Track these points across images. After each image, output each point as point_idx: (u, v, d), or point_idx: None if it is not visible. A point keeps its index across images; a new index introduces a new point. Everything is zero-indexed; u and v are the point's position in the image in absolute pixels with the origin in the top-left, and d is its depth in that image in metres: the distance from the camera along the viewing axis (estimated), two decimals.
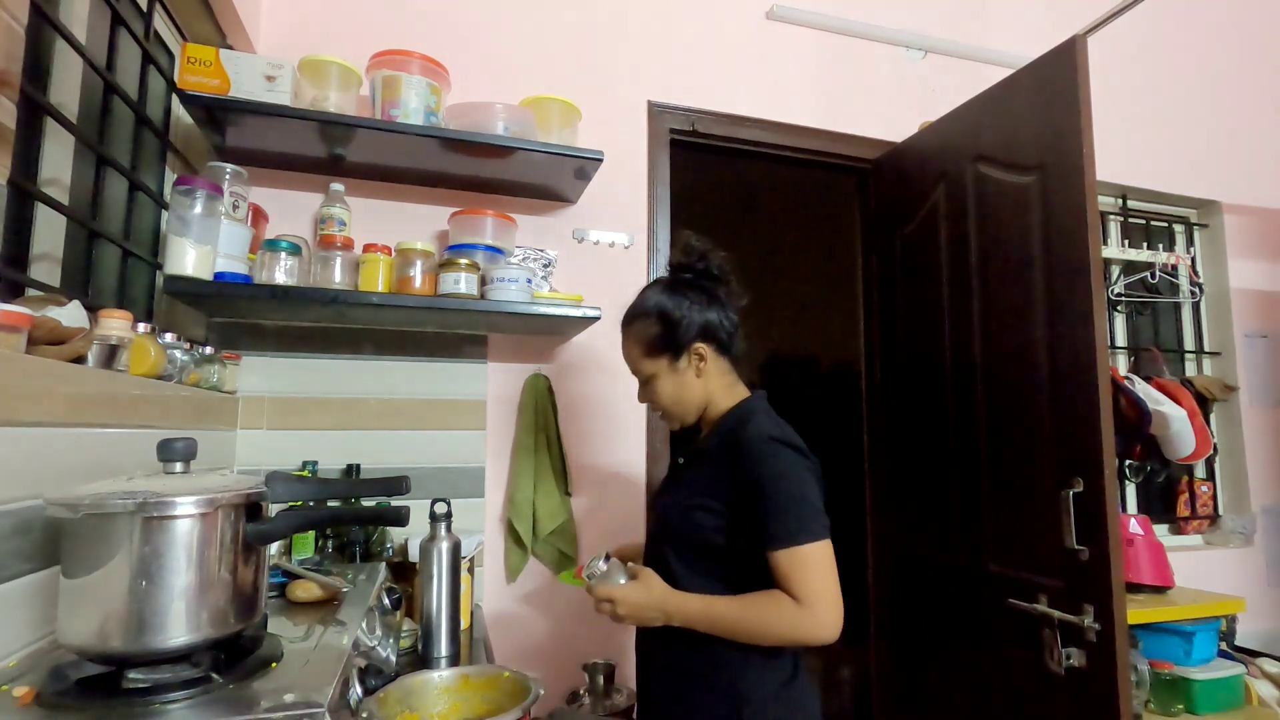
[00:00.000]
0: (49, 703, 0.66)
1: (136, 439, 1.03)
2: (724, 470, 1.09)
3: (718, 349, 1.20)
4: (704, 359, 1.18)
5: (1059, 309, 1.56)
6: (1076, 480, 1.48)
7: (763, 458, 1.06)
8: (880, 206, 2.24)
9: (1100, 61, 1.62)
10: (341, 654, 0.83)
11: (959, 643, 1.83)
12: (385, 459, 1.70)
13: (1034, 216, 1.63)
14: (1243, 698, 2.03)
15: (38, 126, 1.07)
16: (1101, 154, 1.53)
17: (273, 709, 0.65)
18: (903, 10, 2.35)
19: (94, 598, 0.70)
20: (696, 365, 1.18)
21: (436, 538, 1.32)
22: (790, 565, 1.01)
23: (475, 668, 1.04)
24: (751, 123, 2.14)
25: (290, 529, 0.89)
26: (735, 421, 1.15)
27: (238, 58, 1.41)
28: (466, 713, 0.97)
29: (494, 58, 1.89)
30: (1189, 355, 2.76)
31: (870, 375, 2.28)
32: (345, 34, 1.75)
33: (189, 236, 1.31)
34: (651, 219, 2.00)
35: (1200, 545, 2.62)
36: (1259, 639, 2.36)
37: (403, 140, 1.55)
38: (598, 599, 1.09)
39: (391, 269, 1.57)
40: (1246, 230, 2.80)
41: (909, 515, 2.05)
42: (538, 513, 1.74)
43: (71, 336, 0.90)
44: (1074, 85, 1.52)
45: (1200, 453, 2.41)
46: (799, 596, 1.00)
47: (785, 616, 1.00)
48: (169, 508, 0.71)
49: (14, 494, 0.76)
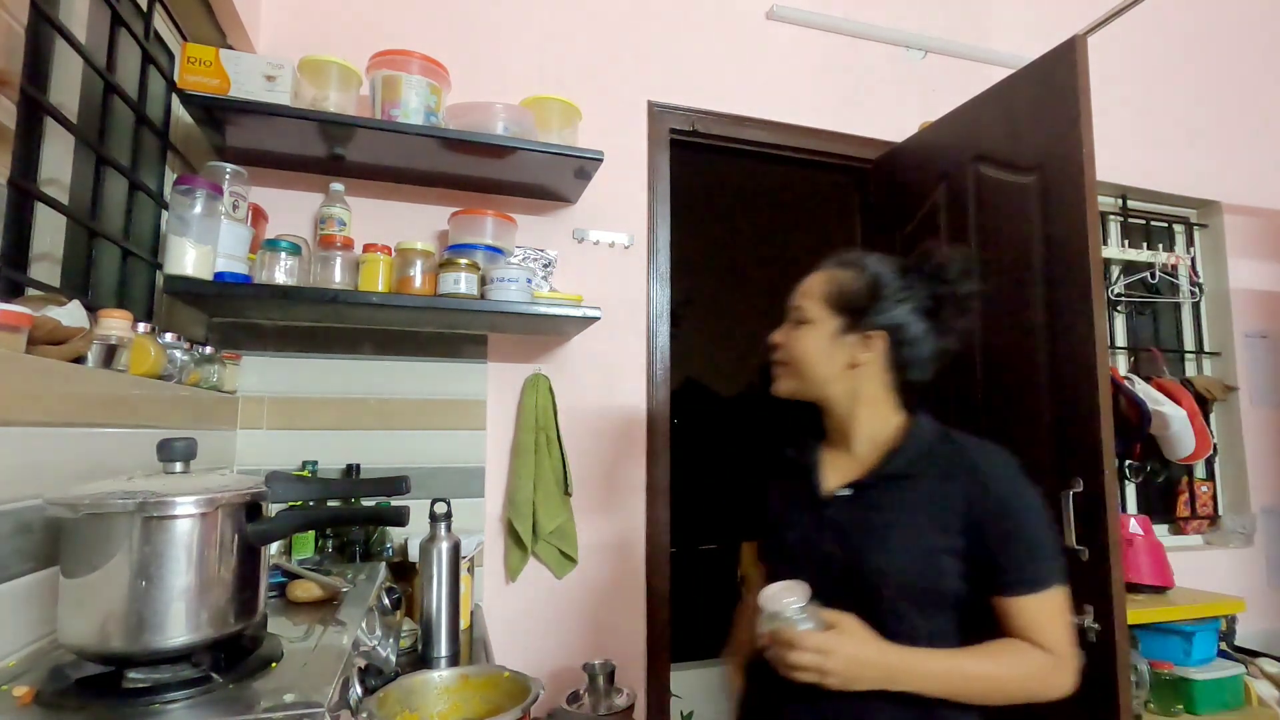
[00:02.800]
0: (49, 703, 0.66)
1: (136, 439, 1.03)
2: (959, 505, 0.92)
3: (894, 357, 1.01)
4: (871, 352, 1.00)
5: (1059, 309, 1.56)
6: (1076, 480, 1.48)
7: (1016, 490, 0.93)
8: (880, 206, 2.24)
9: (1100, 61, 1.62)
10: (341, 654, 0.83)
11: None
12: (385, 459, 1.70)
13: (1034, 216, 1.63)
14: (1242, 698, 2.03)
15: (38, 126, 1.07)
16: (1101, 154, 1.53)
17: (273, 709, 0.65)
18: (903, 10, 2.35)
19: (94, 598, 0.70)
20: (859, 351, 1.00)
21: (436, 538, 1.32)
22: (1042, 611, 0.88)
23: (475, 668, 1.04)
24: (751, 123, 2.14)
25: (290, 529, 0.89)
26: (940, 443, 0.98)
27: (238, 57, 1.41)
28: (466, 713, 0.97)
29: (494, 58, 1.89)
30: (1189, 355, 2.76)
31: None
32: (345, 34, 1.75)
33: (189, 236, 1.31)
34: (651, 219, 2.00)
35: (1200, 545, 2.62)
36: (1259, 639, 2.36)
37: (403, 140, 1.55)
38: (802, 648, 0.84)
39: (391, 269, 1.57)
40: (1246, 230, 2.80)
41: None
42: (538, 513, 1.74)
43: (71, 336, 0.90)
44: (1074, 85, 1.52)
45: (1200, 453, 2.41)
46: (1049, 646, 0.87)
47: (1042, 671, 0.88)
48: (169, 508, 0.71)
49: (14, 494, 0.76)
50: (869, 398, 1.02)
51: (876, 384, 1.02)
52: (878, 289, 1.00)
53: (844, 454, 1.04)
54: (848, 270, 1.04)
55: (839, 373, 1.01)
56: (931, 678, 0.87)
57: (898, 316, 0.99)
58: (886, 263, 1.04)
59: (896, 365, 1.01)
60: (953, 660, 0.89)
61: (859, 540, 0.95)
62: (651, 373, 1.95)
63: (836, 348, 1.01)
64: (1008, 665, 0.88)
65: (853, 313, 1.00)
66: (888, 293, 1.00)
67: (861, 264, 1.04)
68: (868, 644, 0.87)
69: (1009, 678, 0.88)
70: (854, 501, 0.98)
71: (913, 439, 0.99)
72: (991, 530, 0.90)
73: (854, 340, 1.00)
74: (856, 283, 1.01)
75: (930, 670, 0.87)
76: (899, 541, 0.93)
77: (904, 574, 0.91)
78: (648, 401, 1.94)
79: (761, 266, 4.43)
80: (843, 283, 1.02)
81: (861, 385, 1.02)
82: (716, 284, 4.43)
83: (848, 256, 1.07)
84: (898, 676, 0.86)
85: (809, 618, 0.86)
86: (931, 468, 0.95)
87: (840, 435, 1.05)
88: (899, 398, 1.04)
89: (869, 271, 1.02)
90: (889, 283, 1.01)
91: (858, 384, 1.01)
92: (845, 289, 1.02)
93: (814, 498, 1.01)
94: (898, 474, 0.97)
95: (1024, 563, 0.89)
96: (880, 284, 1.01)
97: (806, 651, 0.83)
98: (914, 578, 0.91)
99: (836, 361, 1.01)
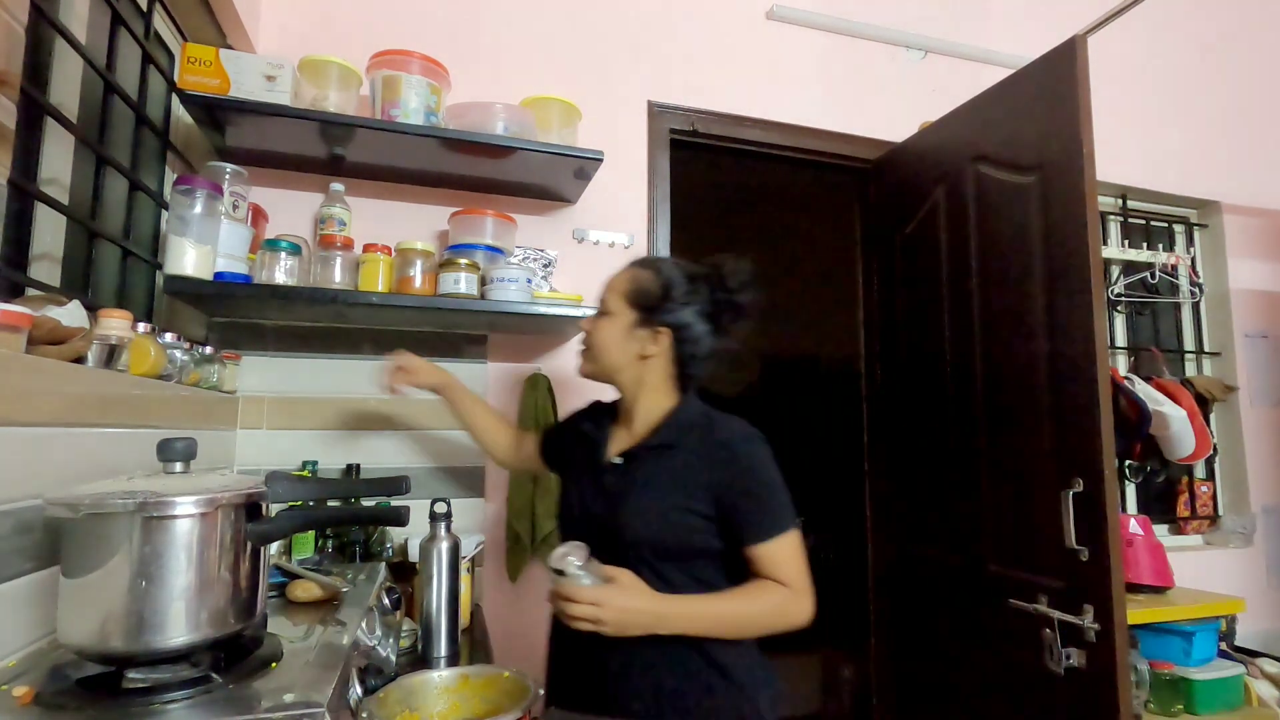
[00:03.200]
0: (49, 702, 0.66)
1: (136, 439, 1.03)
2: (703, 474, 1.06)
3: (677, 352, 1.15)
4: (658, 346, 1.14)
5: (1059, 309, 1.56)
6: (1076, 480, 1.48)
7: (750, 458, 1.07)
8: (880, 206, 2.24)
9: (1100, 61, 1.62)
10: (341, 654, 0.83)
11: (959, 643, 1.82)
12: (385, 459, 1.70)
13: (1034, 217, 1.63)
14: (1242, 698, 2.03)
15: (38, 126, 1.07)
16: (1101, 154, 1.53)
17: (273, 709, 0.65)
18: (903, 10, 2.35)
19: (94, 597, 0.70)
20: (648, 343, 1.14)
21: (436, 538, 1.32)
22: (776, 555, 1.04)
23: (475, 668, 1.04)
24: (751, 123, 2.14)
25: (290, 529, 0.89)
26: (698, 421, 1.12)
27: (238, 57, 1.41)
28: (466, 713, 0.97)
29: (494, 58, 1.89)
30: (1189, 355, 2.76)
31: (870, 375, 2.28)
32: (345, 34, 1.75)
33: (189, 236, 1.31)
34: (651, 219, 2.00)
35: (1200, 545, 2.62)
36: (1259, 639, 2.36)
37: (403, 140, 1.55)
38: (576, 601, 0.96)
39: (391, 269, 1.57)
40: (1246, 230, 2.80)
41: (909, 515, 2.05)
42: (537, 513, 1.74)
43: (71, 336, 0.90)
44: (1074, 85, 1.52)
45: (1200, 453, 2.40)
46: (788, 582, 1.03)
47: (783, 604, 1.03)
48: (169, 508, 0.71)
49: (14, 494, 0.76)
50: (652, 385, 1.16)
51: (660, 373, 1.16)
52: (668, 291, 1.14)
53: (627, 430, 1.19)
54: (647, 270, 1.17)
55: (630, 361, 1.15)
56: (693, 620, 1.01)
57: (683, 317, 1.13)
58: (680, 268, 1.17)
59: (679, 359, 1.15)
60: (709, 604, 1.03)
61: (618, 503, 1.10)
62: None
63: (629, 339, 1.15)
64: (754, 602, 1.04)
65: (646, 310, 1.14)
66: (676, 295, 1.13)
67: (658, 266, 1.17)
68: (639, 596, 1.00)
69: (757, 612, 1.04)
70: (622, 470, 1.14)
71: (675, 417, 1.14)
72: (734, 492, 1.05)
73: (645, 334, 1.14)
74: (651, 283, 1.15)
75: (691, 614, 1.02)
76: (646, 503, 1.08)
77: (647, 530, 1.05)
78: None
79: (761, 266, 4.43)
80: (641, 281, 1.16)
81: (647, 373, 1.16)
82: None
83: (650, 258, 1.22)
84: (664, 622, 1.00)
85: (588, 574, 0.97)
86: (688, 441, 1.10)
87: (627, 414, 1.20)
88: (679, 385, 1.17)
89: (663, 274, 1.15)
90: (678, 286, 1.14)
91: (644, 372, 1.16)
92: (641, 287, 1.15)
93: (596, 466, 1.17)
94: (659, 445, 1.11)
95: (760, 516, 1.05)
96: (671, 287, 1.14)
97: (582, 604, 0.96)
98: (656, 535, 1.05)
99: (628, 351, 1.15)
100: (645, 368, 1.15)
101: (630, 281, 1.16)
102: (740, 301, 1.16)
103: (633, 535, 1.06)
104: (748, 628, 1.05)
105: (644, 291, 1.14)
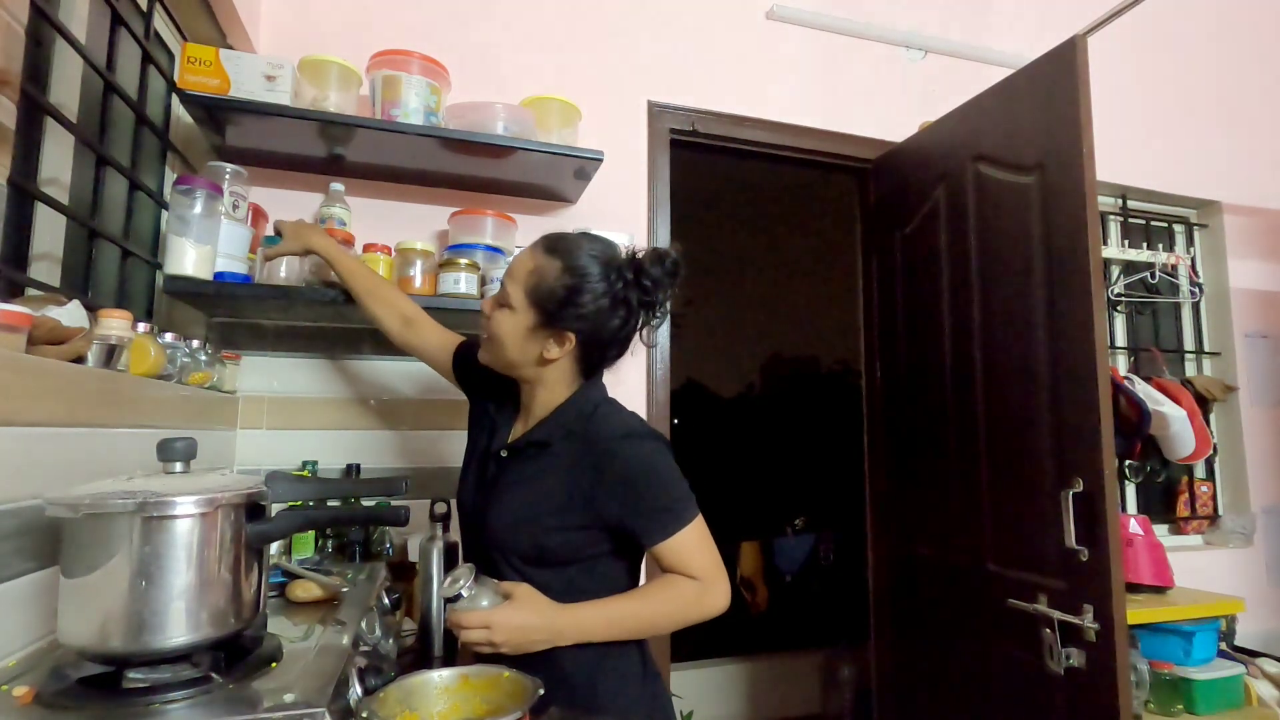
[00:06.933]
0: (49, 702, 0.66)
1: (136, 439, 1.03)
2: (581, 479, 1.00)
3: (583, 353, 1.06)
4: (562, 349, 1.04)
5: (1059, 309, 1.56)
6: (1076, 480, 1.48)
7: (630, 459, 1.00)
8: (880, 206, 2.24)
9: (1100, 61, 1.62)
10: (341, 654, 0.83)
11: (959, 643, 1.83)
12: (385, 459, 1.70)
13: (1034, 216, 1.63)
14: (1242, 698, 2.03)
15: (38, 126, 1.07)
16: (1101, 154, 1.53)
17: (273, 709, 0.65)
18: (903, 10, 2.35)
19: (94, 598, 0.70)
20: (551, 346, 1.04)
21: (436, 538, 1.32)
22: (680, 549, 0.98)
23: (475, 668, 1.04)
24: (751, 123, 2.14)
25: (290, 529, 0.89)
26: (576, 417, 1.05)
27: (238, 57, 1.41)
28: (466, 713, 0.97)
29: (494, 58, 1.89)
30: (1189, 355, 2.76)
31: (870, 375, 2.28)
32: (345, 34, 1.75)
33: (189, 236, 1.31)
34: (651, 219, 2.00)
35: (1200, 545, 2.62)
36: (1259, 639, 2.36)
37: (403, 140, 1.55)
38: (466, 627, 0.92)
39: (391, 269, 1.57)
40: (1246, 230, 2.80)
41: (909, 515, 2.05)
42: None
43: (71, 336, 0.90)
44: (1074, 85, 1.52)
45: (1200, 453, 2.40)
46: (697, 573, 0.98)
47: (693, 596, 0.98)
48: (169, 508, 0.71)
49: (14, 494, 0.76)
50: (553, 380, 1.08)
51: (561, 373, 1.07)
52: (579, 292, 1.02)
53: (523, 420, 1.12)
54: (554, 260, 1.03)
55: (529, 361, 1.06)
56: (594, 626, 0.97)
57: (592, 320, 1.03)
58: (594, 256, 1.04)
59: (583, 360, 1.07)
60: (610, 608, 0.98)
61: (489, 500, 1.05)
62: (651, 373, 1.95)
63: (530, 340, 1.04)
64: (662, 600, 0.99)
65: (549, 312, 1.02)
66: (587, 299, 1.02)
67: (569, 254, 1.04)
68: (533, 611, 0.94)
69: (665, 610, 0.99)
70: (504, 463, 1.08)
71: (562, 411, 1.06)
72: (617, 498, 0.98)
73: (547, 336, 1.03)
74: (557, 281, 1.02)
75: (590, 621, 0.97)
76: (512, 506, 1.03)
77: (505, 535, 1.01)
78: (648, 402, 1.93)
79: (761, 267, 4.45)
80: (546, 276, 1.03)
81: (547, 373, 1.07)
82: (716, 284, 4.44)
83: (559, 239, 1.08)
84: (564, 633, 0.95)
85: (480, 594, 0.93)
86: (568, 441, 1.03)
87: (525, 405, 1.12)
88: (584, 374, 1.09)
89: (575, 268, 1.02)
90: (588, 284, 1.02)
91: (544, 371, 1.07)
92: (545, 285, 1.02)
93: (486, 454, 1.11)
94: (538, 441, 1.05)
95: (652, 516, 0.98)
96: (582, 288, 1.02)
97: (473, 629, 0.91)
98: (514, 542, 1.01)
99: (528, 353, 1.05)
100: (546, 367, 1.06)
101: (534, 275, 1.03)
102: (656, 299, 1.06)
103: (492, 538, 1.03)
104: (658, 625, 1.01)
105: (548, 291, 1.02)
